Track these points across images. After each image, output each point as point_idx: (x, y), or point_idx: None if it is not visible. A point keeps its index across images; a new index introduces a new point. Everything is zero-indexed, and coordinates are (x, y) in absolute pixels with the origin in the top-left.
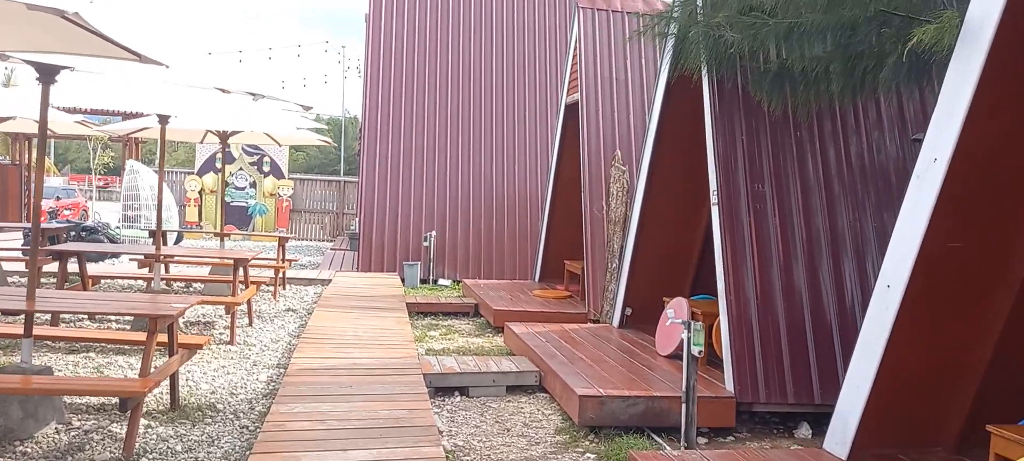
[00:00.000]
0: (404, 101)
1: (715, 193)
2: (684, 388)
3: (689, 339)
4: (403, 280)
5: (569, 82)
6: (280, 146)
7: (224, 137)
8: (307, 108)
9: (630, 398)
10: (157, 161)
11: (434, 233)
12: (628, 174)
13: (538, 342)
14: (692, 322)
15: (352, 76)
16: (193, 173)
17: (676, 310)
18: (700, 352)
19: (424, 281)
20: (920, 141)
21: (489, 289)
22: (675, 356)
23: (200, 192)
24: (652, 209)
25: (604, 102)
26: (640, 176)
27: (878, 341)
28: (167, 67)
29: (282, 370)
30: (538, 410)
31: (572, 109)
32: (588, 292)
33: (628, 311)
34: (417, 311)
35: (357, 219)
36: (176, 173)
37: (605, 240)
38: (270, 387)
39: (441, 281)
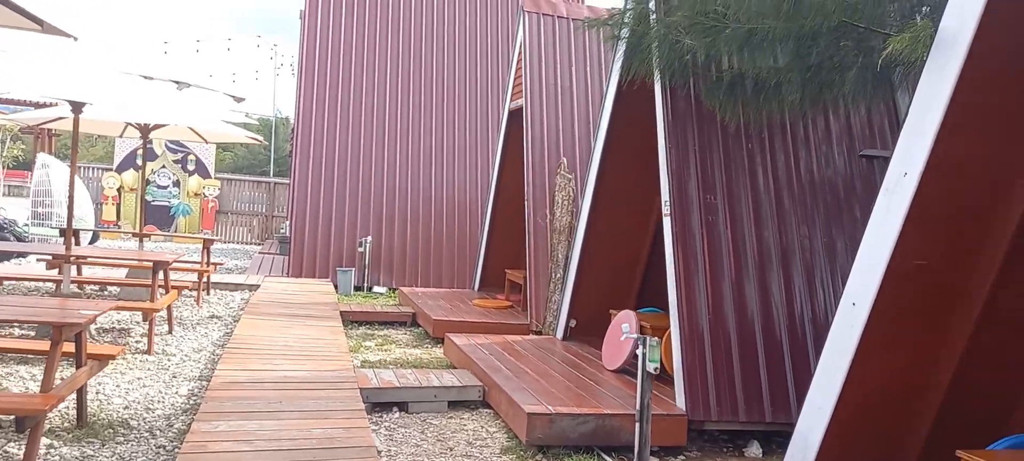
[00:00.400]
0: (340, 101)
1: (667, 203)
2: (638, 406)
3: (644, 355)
4: (336, 287)
5: (513, 87)
6: (206, 143)
7: (145, 131)
8: (239, 100)
9: (580, 416)
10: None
11: (370, 239)
12: (574, 182)
13: (481, 354)
14: (648, 337)
15: (284, 75)
16: (111, 169)
17: (628, 323)
18: (656, 369)
19: (358, 288)
20: (868, 157)
21: (427, 298)
22: (623, 371)
23: (119, 190)
24: (599, 219)
25: (549, 108)
26: (587, 184)
27: (842, 360)
28: (75, 39)
29: (204, 383)
30: (482, 427)
31: (516, 115)
32: (530, 302)
33: (572, 323)
34: (352, 320)
35: (287, 222)
36: (93, 169)
37: (549, 250)
38: (191, 402)
39: (376, 288)
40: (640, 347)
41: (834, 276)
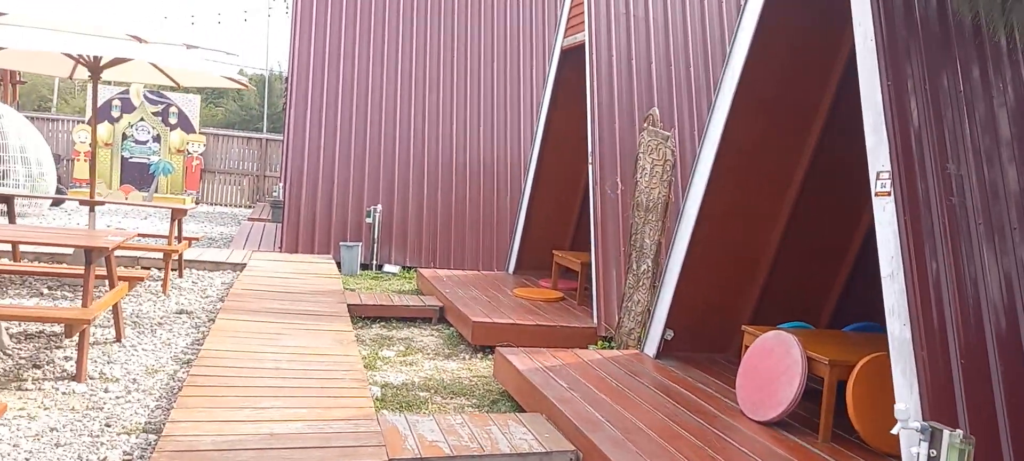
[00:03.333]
0: (344, 39)
1: (884, 177)
2: None
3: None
4: (339, 265)
5: (569, 19)
6: (185, 92)
7: (96, 68)
8: (230, 54)
9: None
10: (50, 107)
11: (380, 207)
12: (674, 143)
13: (559, 391)
14: (948, 431)
15: (278, 14)
16: (83, 122)
17: (789, 355)
18: None
19: (366, 267)
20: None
21: (456, 287)
22: (776, 424)
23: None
24: (719, 194)
25: (621, 44)
26: (704, 146)
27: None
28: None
29: (151, 439)
30: None
31: (572, 54)
32: (597, 299)
33: (669, 335)
34: (363, 316)
35: (281, 184)
36: (63, 121)
37: (625, 231)
38: None
39: (387, 267)
40: (924, 443)
41: None
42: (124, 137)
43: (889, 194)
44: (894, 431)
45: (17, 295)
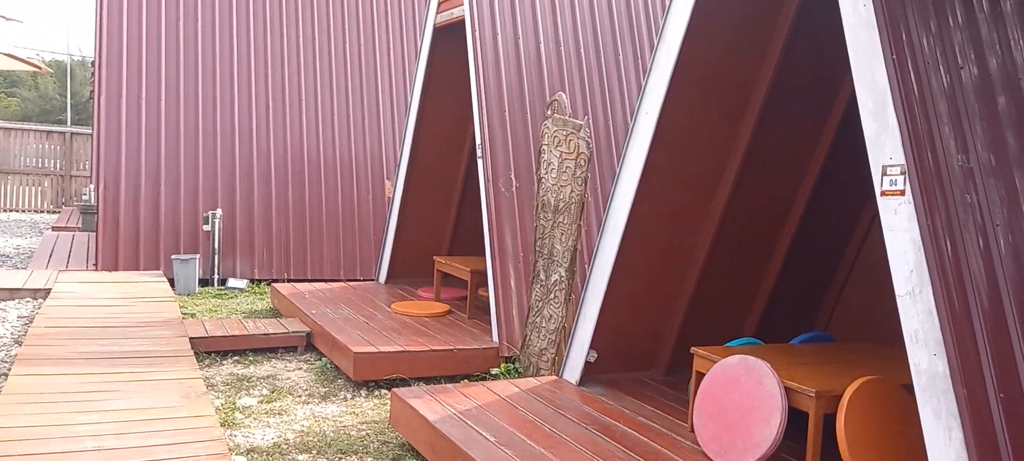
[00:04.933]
0: (166, 10)
1: (893, 172)
2: None
3: None
4: (173, 283)
5: None
6: None
7: None
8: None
9: None
10: None
11: (220, 212)
12: (589, 133)
13: (489, 452)
14: None
15: None
16: None
17: (763, 387)
18: None
19: (205, 283)
20: None
21: (322, 304)
22: None
23: None
24: (651, 193)
25: (506, 20)
26: (635, 139)
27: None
28: None
29: None
30: None
31: (448, 33)
32: (497, 314)
33: (593, 357)
34: (210, 350)
35: (92, 186)
36: None
37: (529, 235)
38: None
39: (232, 282)
40: None
41: None
42: None
43: (902, 193)
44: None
45: None
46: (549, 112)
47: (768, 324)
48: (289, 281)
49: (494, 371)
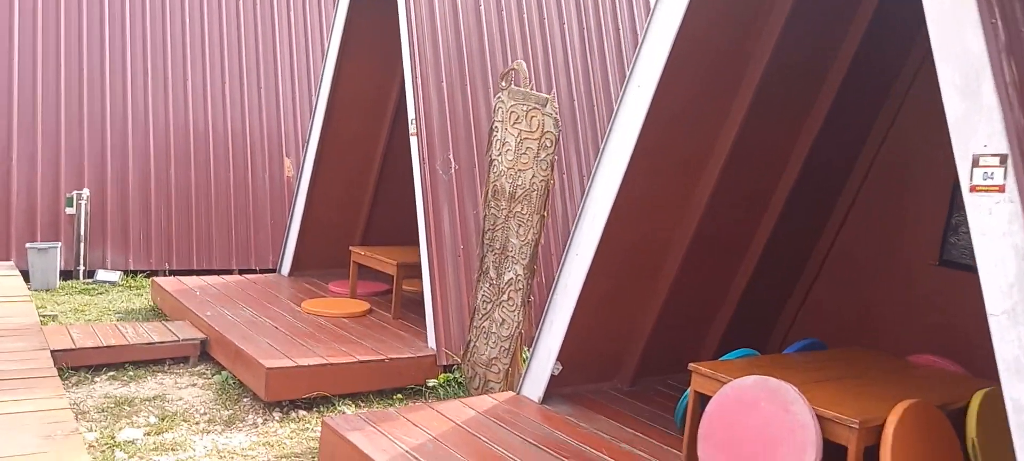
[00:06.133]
0: None
1: (989, 163)
2: None
3: None
4: (27, 277)
5: None
6: None
7: None
8: None
9: None
10: None
11: (87, 192)
12: (555, 108)
13: None
14: None
15: None
16: None
17: (790, 415)
18: None
19: (68, 275)
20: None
21: (217, 303)
22: None
23: None
24: (636, 180)
25: None
26: (620, 117)
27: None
28: None
29: None
30: None
31: None
32: (434, 315)
33: (558, 369)
34: (78, 365)
35: None
36: None
37: (472, 226)
38: None
39: (102, 274)
40: None
41: None
42: None
43: (1001, 189)
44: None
45: None
46: (504, 84)
47: (740, 328)
48: (172, 273)
49: (431, 383)
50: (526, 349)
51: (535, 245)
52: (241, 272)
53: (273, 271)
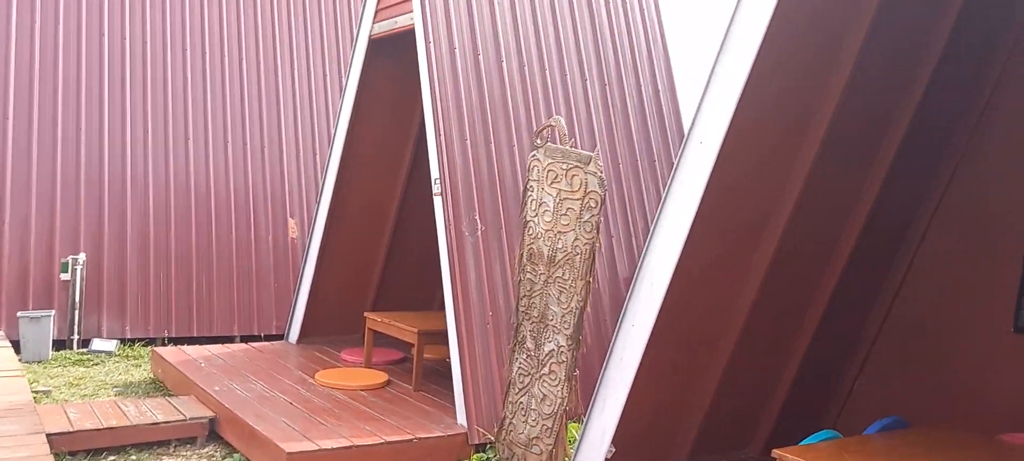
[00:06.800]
0: (19, 7)
1: None
2: None
3: None
4: (17, 347)
5: None
6: None
7: None
8: None
9: None
10: None
11: (83, 256)
12: (600, 166)
13: None
14: None
15: None
16: None
17: None
18: None
19: (61, 344)
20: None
21: (224, 375)
22: None
23: None
24: (704, 239)
25: (463, 30)
26: (684, 167)
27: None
28: None
29: None
30: None
31: (386, 46)
32: (464, 388)
33: (611, 452)
34: (76, 450)
35: None
36: None
37: (501, 291)
38: None
39: (97, 344)
40: None
41: None
42: None
43: None
44: None
45: None
46: (539, 141)
47: (800, 398)
48: (171, 341)
49: None
50: (575, 425)
51: (580, 313)
52: (243, 338)
53: (276, 337)
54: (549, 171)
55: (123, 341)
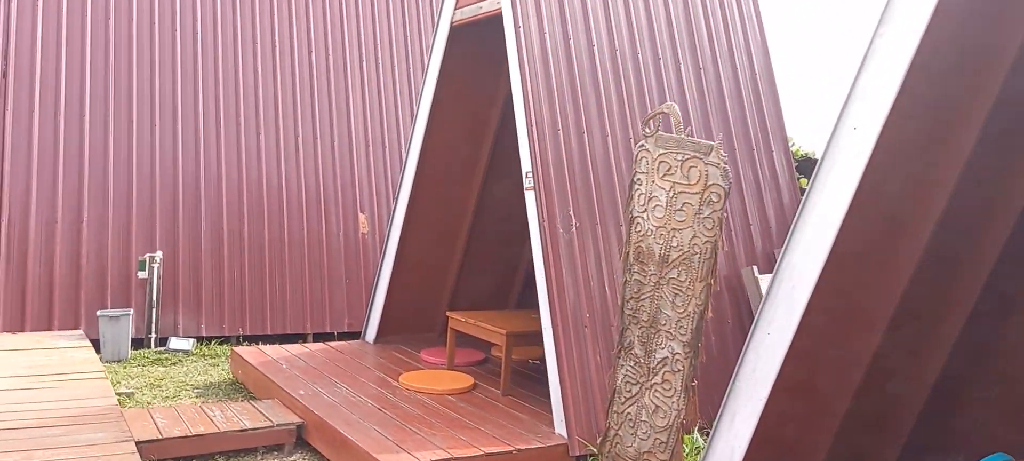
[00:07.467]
0: (94, 5)
1: None
2: None
3: None
4: (98, 346)
5: None
6: None
7: None
8: None
9: None
10: None
11: (160, 254)
12: (723, 157)
13: None
14: None
15: None
16: None
17: None
18: None
19: (138, 343)
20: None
21: (307, 377)
22: None
23: None
24: (850, 232)
25: (553, 13)
26: (831, 158)
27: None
28: None
29: None
30: None
31: (466, 34)
32: (563, 395)
33: None
34: (164, 458)
35: None
36: None
37: (596, 291)
38: None
39: (174, 342)
40: None
41: None
42: None
43: None
44: None
45: None
46: (648, 129)
47: (933, 415)
48: (245, 339)
49: None
50: (699, 439)
51: (699, 318)
52: (316, 336)
53: (348, 334)
54: (661, 162)
55: (199, 339)
